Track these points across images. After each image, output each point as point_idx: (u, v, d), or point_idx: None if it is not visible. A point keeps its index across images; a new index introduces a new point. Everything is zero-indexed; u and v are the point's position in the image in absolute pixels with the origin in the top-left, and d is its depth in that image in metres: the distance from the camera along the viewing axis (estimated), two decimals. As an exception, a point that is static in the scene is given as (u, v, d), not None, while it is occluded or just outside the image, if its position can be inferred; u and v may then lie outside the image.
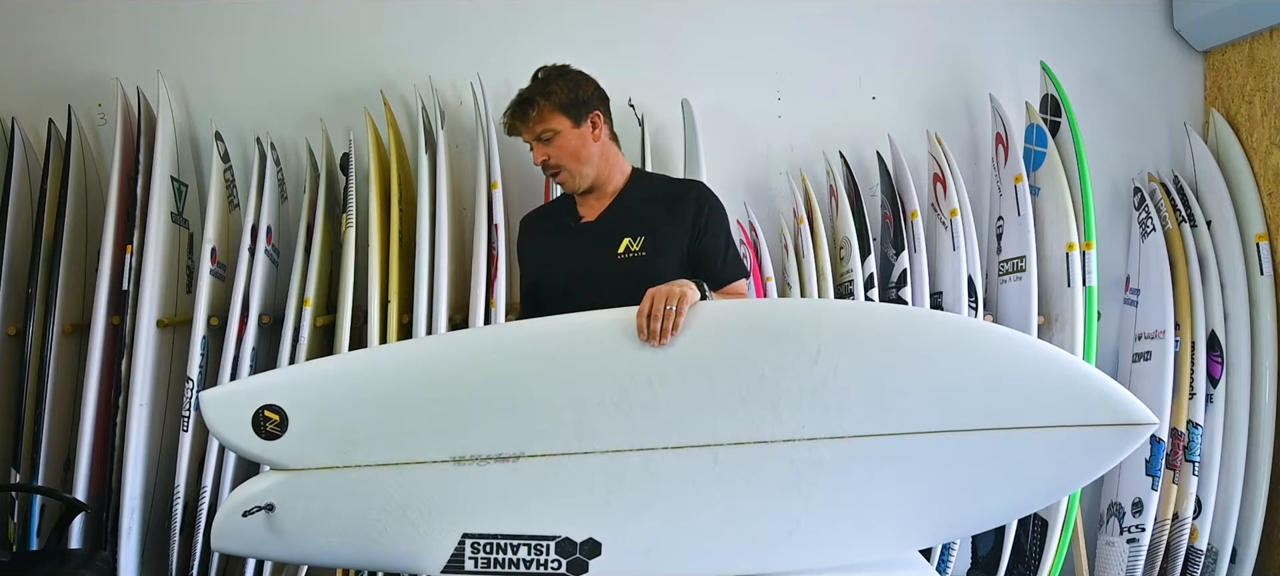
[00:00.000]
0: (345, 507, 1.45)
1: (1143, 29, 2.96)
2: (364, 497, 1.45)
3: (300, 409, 1.43)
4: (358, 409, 1.45)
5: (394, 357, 1.59)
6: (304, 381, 1.50)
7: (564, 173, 1.79)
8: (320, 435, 1.44)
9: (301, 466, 1.44)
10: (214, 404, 1.46)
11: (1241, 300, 2.68)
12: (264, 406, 1.42)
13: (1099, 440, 1.39)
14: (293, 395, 1.44)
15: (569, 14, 2.81)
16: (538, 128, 1.77)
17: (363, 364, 1.56)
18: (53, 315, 2.39)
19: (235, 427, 1.43)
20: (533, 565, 1.44)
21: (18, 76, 2.71)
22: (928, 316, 1.62)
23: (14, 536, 2.36)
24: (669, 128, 2.75)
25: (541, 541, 1.43)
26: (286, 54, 2.79)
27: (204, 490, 2.40)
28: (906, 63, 2.91)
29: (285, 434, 1.42)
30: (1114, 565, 2.66)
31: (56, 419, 2.40)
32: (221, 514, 1.47)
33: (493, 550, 1.44)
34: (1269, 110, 2.70)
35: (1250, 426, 2.65)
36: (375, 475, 1.44)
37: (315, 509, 1.46)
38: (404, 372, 1.47)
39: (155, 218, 2.40)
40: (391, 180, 2.53)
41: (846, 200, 2.69)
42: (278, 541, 1.46)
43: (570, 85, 1.80)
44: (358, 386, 1.46)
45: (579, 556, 1.43)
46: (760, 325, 1.44)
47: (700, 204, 1.80)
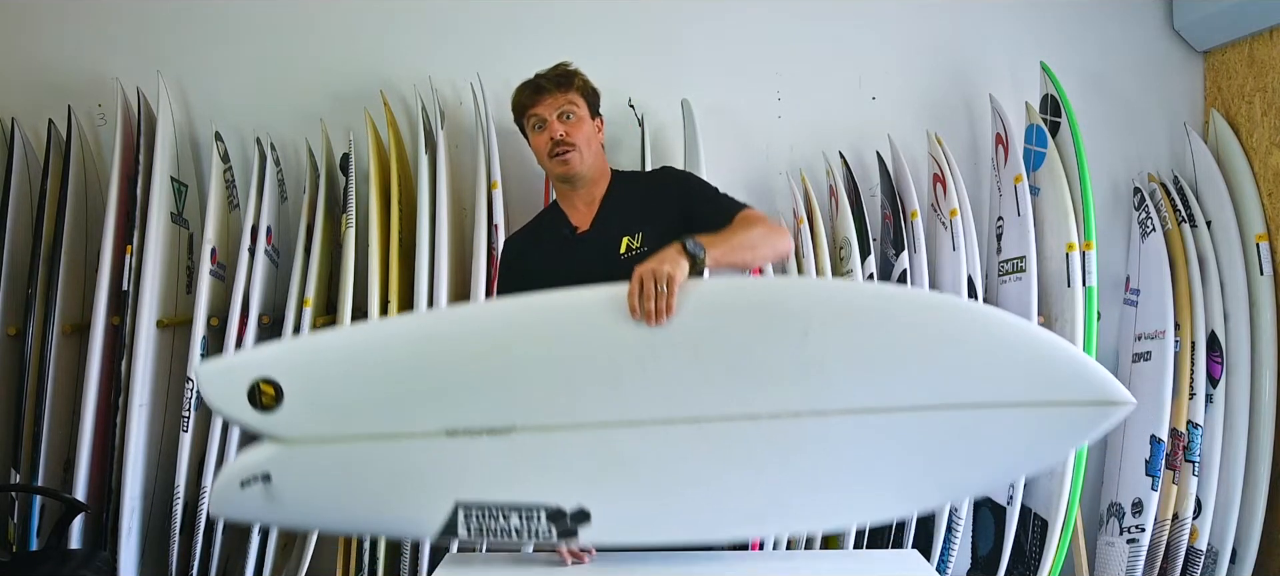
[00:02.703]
0: (340, 479, 1.48)
1: (1143, 29, 2.96)
2: (359, 470, 1.47)
3: (295, 382, 1.44)
4: (352, 382, 1.46)
5: (389, 331, 1.62)
6: (299, 354, 1.52)
7: (573, 154, 1.79)
8: (315, 408, 1.45)
9: (297, 438, 1.45)
10: (210, 377, 1.46)
11: (1241, 300, 2.68)
12: (259, 380, 1.43)
13: (1078, 417, 1.42)
14: (288, 368, 1.45)
15: (569, 14, 2.81)
16: (565, 102, 1.79)
17: (358, 337, 1.57)
18: (53, 315, 2.39)
19: (231, 400, 1.44)
20: (525, 532, 1.47)
21: (18, 76, 2.71)
22: (916, 295, 1.64)
23: (14, 536, 2.36)
24: (669, 128, 2.76)
25: (533, 509, 1.46)
26: (286, 54, 2.80)
27: (204, 490, 2.40)
28: (906, 63, 2.91)
29: (280, 406, 1.43)
30: (1114, 565, 2.66)
31: (56, 419, 2.40)
32: (219, 482, 1.48)
33: (485, 518, 1.47)
34: (1269, 110, 2.70)
35: (1250, 426, 2.65)
36: (369, 448, 1.46)
37: (311, 480, 1.47)
38: (398, 346, 1.49)
39: (155, 218, 2.40)
40: (391, 180, 2.53)
41: (846, 200, 2.69)
42: (274, 509, 1.47)
43: (591, 83, 1.86)
44: (353, 359, 1.47)
45: (569, 524, 1.46)
46: (751, 302, 1.45)
47: (676, 182, 1.84)
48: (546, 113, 1.78)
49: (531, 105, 1.80)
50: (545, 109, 1.78)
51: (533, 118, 1.80)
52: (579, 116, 1.79)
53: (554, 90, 1.79)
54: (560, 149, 1.78)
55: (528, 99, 1.82)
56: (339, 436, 1.46)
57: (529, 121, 1.82)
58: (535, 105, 1.80)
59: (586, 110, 1.81)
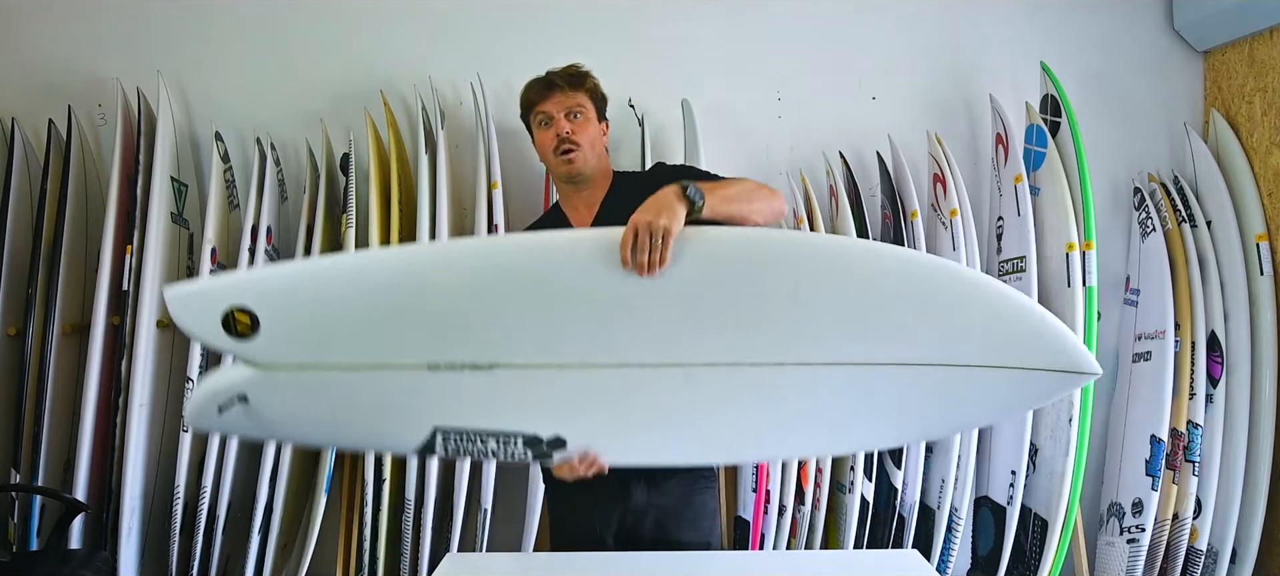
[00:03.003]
0: (319, 403, 1.46)
1: (1143, 29, 2.96)
2: (338, 396, 1.45)
3: (272, 311, 1.39)
4: (333, 313, 1.42)
5: (372, 261, 1.58)
6: (277, 281, 1.46)
7: (578, 153, 1.79)
8: (293, 337, 1.41)
9: (274, 365, 1.42)
10: (181, 302, 1.39)
11: (1241, 300, 2.68)
12: (235, 307, 1.37)
13: (1049, 382, 1.49)
14: (265, 295, 1.40)
15: (569, 14, 2.81)
16: (574, 102, 1.79)
17: (340, 267, 1.51)
18: (53, 315, 2.39)
19: (204, 325, 1.39)
20: (500, 453, 1.48)
21: (18, 76, 2.71)
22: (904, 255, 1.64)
23: (14, 536, 2.37)
24: (669, 128, 2.75)
25: (511, 436, 1.47)
26: (286, 54, 2.80)
27: (204, 490, 2.40)
28: (906, 63, 2.91)
29: (256, 335, 1.39)
30: (1114, 565, 2.66)
31: (56, 419, 2.40)
32: (196, 400, 1.45)
33: (464, 441, 1.47)
34: (1269, 110, 2.70)
35: (1250, 426, 2.65)
36: (348, 377, 1.44)
37: (289, 402, 1.45)
38: (382, 277, 1.44)
39: (155, 218, 2.40)
40: (391, 180, 2.53)
41: (846, 200, 2.69)
42: (252, 424, 1.46)
43: (601, 87, 1.86)
44: (334, 289, 1.43)
45: (545, 449, 1.48)
46: (743, 255, 1.44)
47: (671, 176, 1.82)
48: (554, 110, 1.78)
49: (540, 102, 1.80)
50: (554, 106, 1.78)
51: (541, 115, 1.80)
52: (586, 117, 1.79)
53: (566, 88, 1.79)
54: (566, 147, 1.77)
55: (537, 95, 1.82)
56: (318, 365, 1.43)
57: (536, 118, 1.82)
58: (544, 102, 1.79)
59: (594, 112, 1.81)
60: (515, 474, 2.59)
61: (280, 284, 1.45)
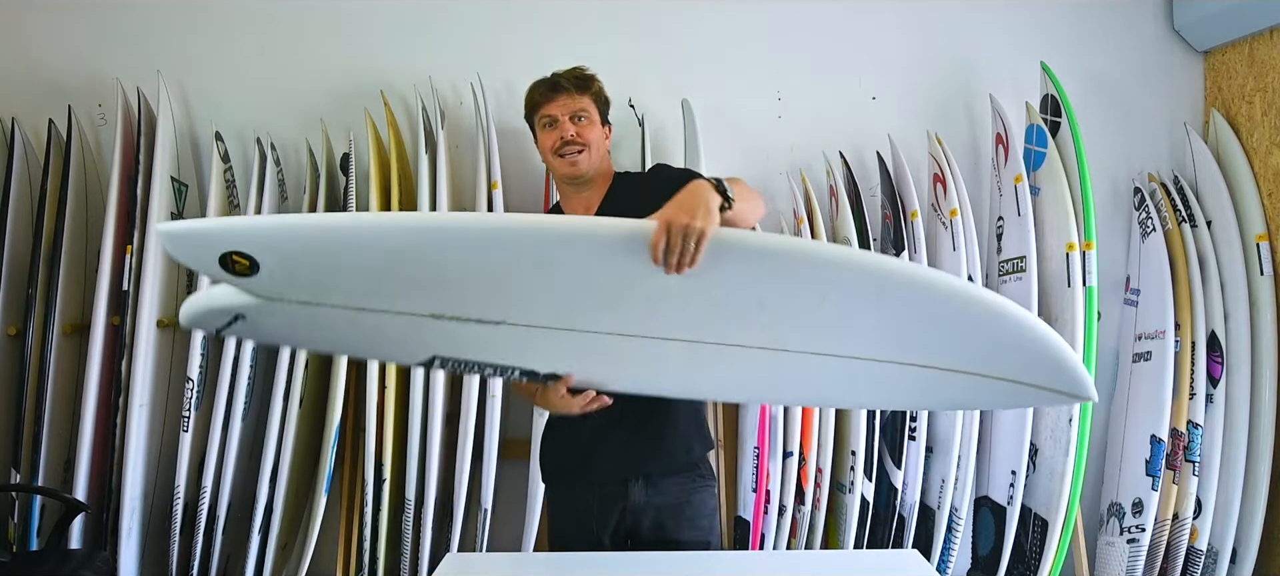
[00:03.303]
0: (319, 331, 1.48)
1: (1143, 29, 2.96)
2: (338, 330, 1.44)
3: (273, 260, 1.33)
4: (335, 267, 1.37)
5: (387, 223, 1.51)
6: (279, 232, 1.38)
7: (582, 154, 1.79)
8: (293, 281, 1.37)
9: (274, 298, 1.38)
10: (177, 239, 1.32)
11: (1241, 300, 2.68)
12: (232, 252, 1.31)
13: (1047, 398, 1.56)
14: (264, 245, 1.33)
15: (569, 14, 2.81)
16: (579, 105, 1.79)
17: (345, 226, 1.44)
18: (53, 315, 2.39)
19: (201, 263, 1.35)
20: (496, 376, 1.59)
21: (18, 76, 2.71)
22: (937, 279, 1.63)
23: (14, 536, 2.37)
24: (669, 128, 2.76)
25: (509, 369, 1.52)
26: (286, 54, 2.80)
27: (204, 490, 2.40)
28: (906, 63, 2.91)
29: (255, 276, 1.33)
30: (1114, 565, 2.66)
31: (56, 419, 2.40)
32: (193, 310, 1.41)
33: (462, 366, 1.52)
34: (1269, 110, 2.70)
35: (1250, 426, 2.65)
36: (351, 314, 1.41)
37: (289, 324, 1.44)
38: (394, 238, 1.37)
39: (155, 218, 2.40)
40: (391, 180, 2.53)
41: (846, 200, 2.69)
42: (250, 331, 1.46)
43: (606, 92, 1.87)
44: (337, 246, 1.36)
45: (543, 379, 1.53)
46: (778, 265, 1.40)
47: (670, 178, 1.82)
48: (559, 112, 1.78)
49: (545, 104, 1.80)
50: (558, 108, 1.78)
51: (545, 116, 1.80)
52: (590, 120, 1.79)
53: (572, 90, 1.79)
54: (569, 148, 1.78)
55: (542, 96, 1.82)
56: (319, 302, 1.39)
57: (540, 119, 1.82)
58: (549, 104, 1.80)
59: (598, 115, 1.81)
60: (515, 474, 2.59)
61: (282, 233, 1.38)
